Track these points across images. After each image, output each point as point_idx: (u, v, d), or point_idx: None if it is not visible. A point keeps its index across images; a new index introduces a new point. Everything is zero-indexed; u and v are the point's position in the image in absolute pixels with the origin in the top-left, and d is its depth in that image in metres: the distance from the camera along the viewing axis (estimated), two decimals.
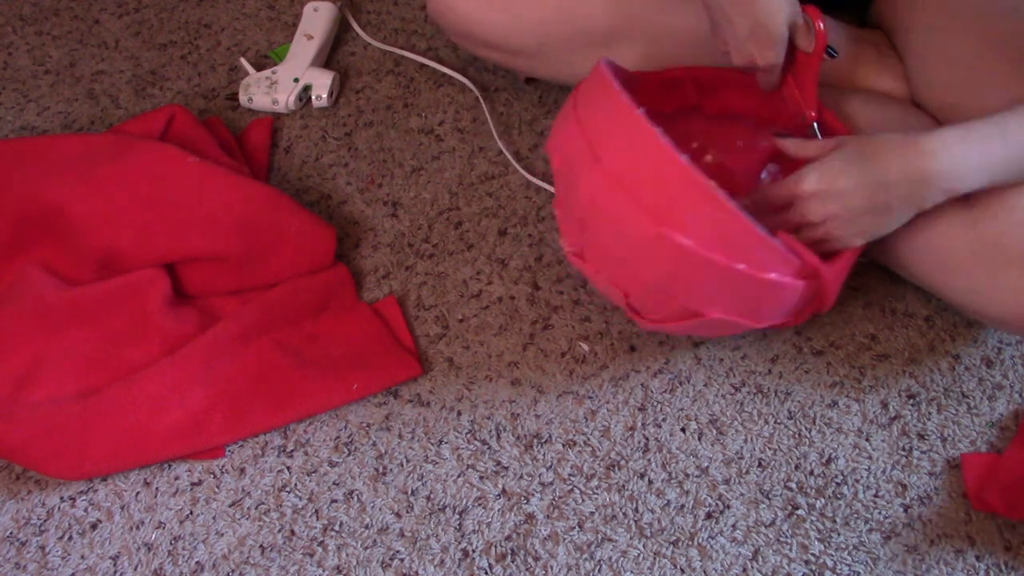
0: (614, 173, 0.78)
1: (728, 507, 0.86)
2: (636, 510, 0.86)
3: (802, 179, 0.81)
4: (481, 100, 1.17)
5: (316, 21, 1.24)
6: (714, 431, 0.91)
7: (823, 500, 0.86)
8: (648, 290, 0.82)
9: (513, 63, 1.09)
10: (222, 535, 0.86)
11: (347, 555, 0.85)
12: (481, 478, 0.89)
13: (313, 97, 1.19)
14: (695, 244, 0.76)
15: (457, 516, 0.86)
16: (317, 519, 0.87)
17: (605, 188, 0.79)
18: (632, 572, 0.83)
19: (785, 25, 0.84)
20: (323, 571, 0.84)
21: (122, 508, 0.88)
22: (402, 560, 0.84)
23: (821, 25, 0.84)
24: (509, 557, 0.84)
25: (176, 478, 0.89)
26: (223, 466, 0.90)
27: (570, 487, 0.88)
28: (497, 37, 1.05)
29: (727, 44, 0.87)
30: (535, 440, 0.91)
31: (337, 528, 0.86)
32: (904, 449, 0.89)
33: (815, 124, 0.91)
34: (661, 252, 0.77)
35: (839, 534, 0.85)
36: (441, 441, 0.91)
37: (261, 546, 0.85)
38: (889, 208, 0.80)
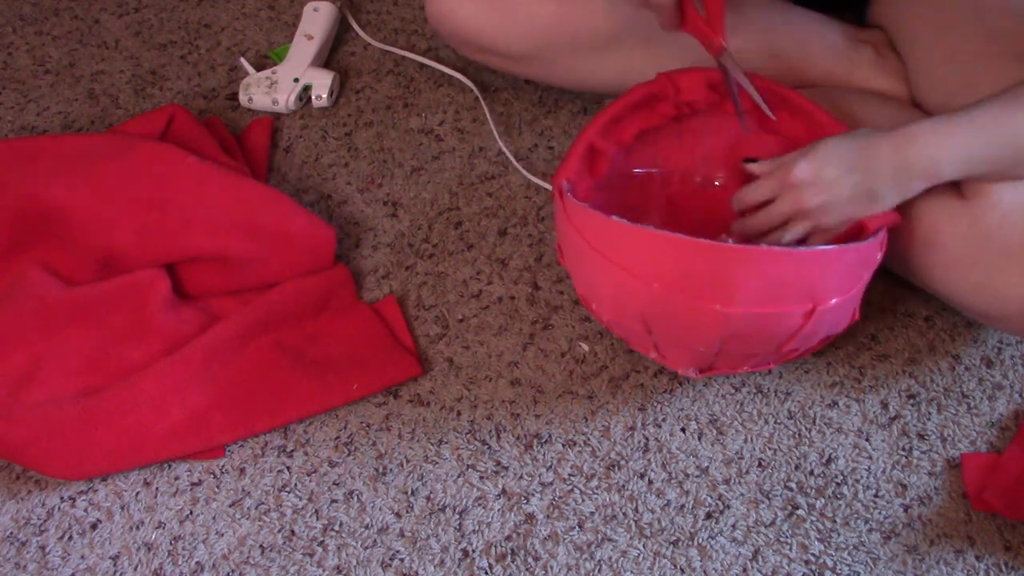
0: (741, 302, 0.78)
1: (728, 507, 0.86)
2: (636, 510, 0.86)
3: (792, 168, 0.81)
4: (481, 100, 1.17)
5: (316, 21, 1.24)
6: (714, 431, 0.91)
7: (823, 500, 0.86)
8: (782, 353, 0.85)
9: (512, 69, 1.09)
10: (222, 535, 0.86)
11: (347, 555, 0.85)
12: (481, 478, 0.89)
13: (313, 97, 1.19)
14: (841, 299, 0.79)
15: (457, 516, 0.87)
16: (317, 519, 0.87)
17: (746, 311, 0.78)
18: (632, 572, 0.83)
19: None
20: (323, 571, 0.84)
21: (122, 508, 0.88)
22: (402, 560, 0.84)
23: None
24: (509, 557, 0.84)
25: (176, 478, 0.89)
26: (223, 466, 0.90)
27: (570, 487, 0.88)
28: (496, 43, 1.05)
29: None
30: (535, 440, 0.91)
31: (337, 528, 0.86)
32: (904, 449, 0.89)
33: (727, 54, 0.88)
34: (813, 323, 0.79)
35: (839, 534, 0.85)
36: (441, 441, 0.91)
37: (261, 546, 0.85)
38: (874, 195, 0.81)
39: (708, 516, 0.86)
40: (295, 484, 0.89)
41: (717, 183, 1.00)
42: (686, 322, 0.79)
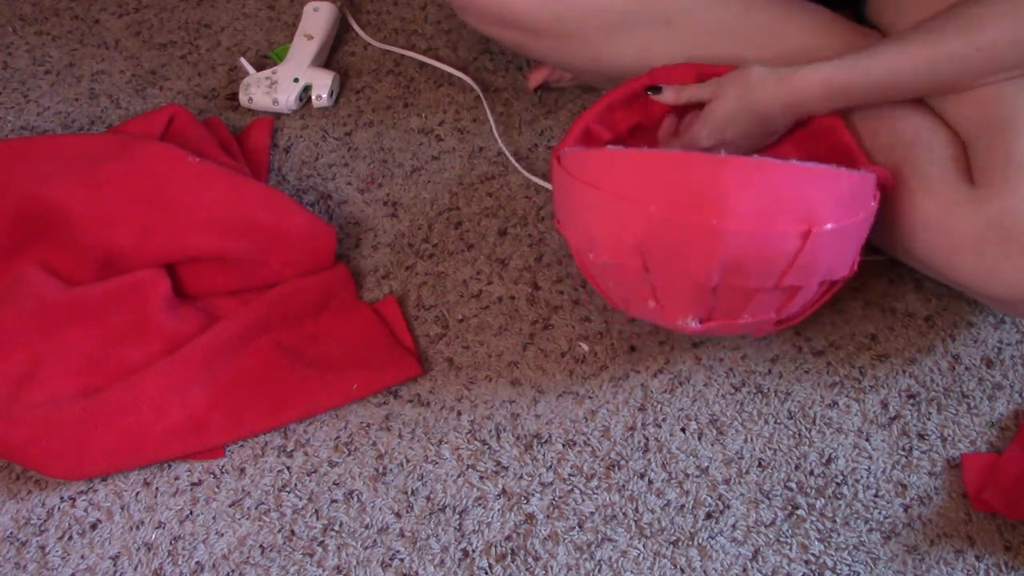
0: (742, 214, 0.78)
1: (728, 507, 0.86)
2: (636, 510, 0.86)
3: (697, 137, 0.93)
4: (482, 99, 1.17)
5: (316, 21, 1.24)
6: (714, 431, 0.91)
7: (823, 500, 0.86)
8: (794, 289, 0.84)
9: (528, 45, 1.05)
10: (222, 535, 0.86)
11: (347, 555, 0.85)
12: (481, 478, 0.89)
13: (313, 97, 1.19)
14: (836, 227, 0.80)
15: (457, 516, 0.87)
16: (317, 519, 0.87)
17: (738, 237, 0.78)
18: (632, 572, 0.83)
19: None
20: (323, 571, 0.84)
21: (122, 508, 0.88)
22: (402, 560, 0.84)
23: None
24: (509, 557, 0.84)
25: (176, 478, 0.89)
26: (223, 466, 0.90)
27: (570, 487, 0.88)
28: (516, 11, 1.01)
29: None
30: (535, 440, 0.91)
31: (337, 528, 0.86)
32: (904, 449, 0.89)
33: None
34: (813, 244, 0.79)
35: (839, 534, 0.85)
36: (441, 441, 0.91)
37: (261, 546, 0.85)
38: (769, 133, 0.94)
39: (708, 516, 0.86)
40: (295, 484, 0.89)
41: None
42: (683, 246, 0.79)
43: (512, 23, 1.03)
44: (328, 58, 1.25)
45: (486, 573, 0.83)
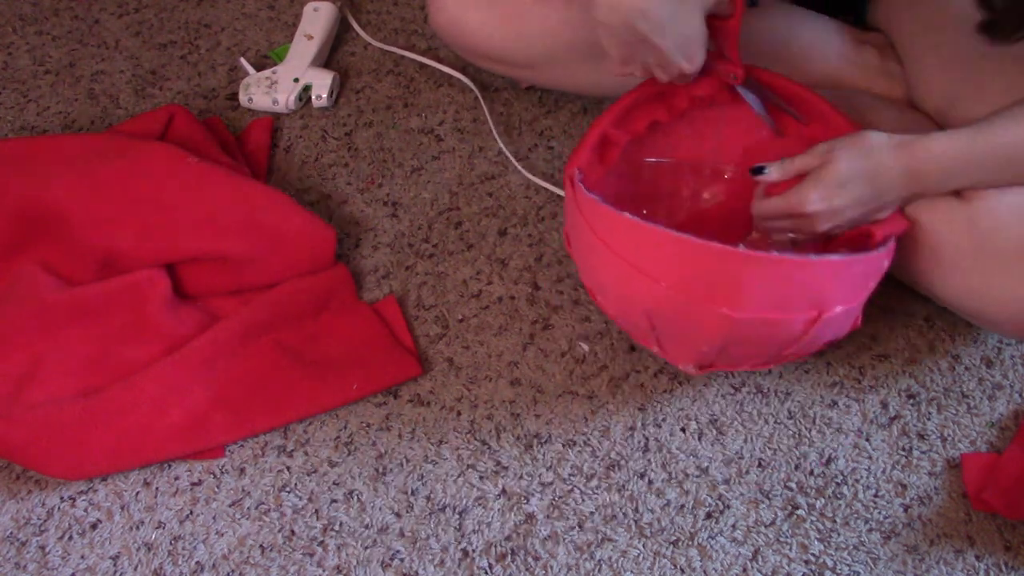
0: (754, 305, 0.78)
1: (728, 507, 0.86)
2: (636, 510, 0.86)
3: (805, 200, 0.82)
4: (481, 100, 1.17)
5: (316, 21, 1.24)
6: (714, 431, 0.91)
7: (823, 500, 0.86)
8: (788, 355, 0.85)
9: (517, 74, 1.10)
10: (222, 535, 0.86)
11: (347, 555, 0.85)
12: (481, 478, 0.89)
13: (313, 97, 1.19)
14: (846, 308, 0.80)
15: (457, 516, 0.87)
16: (317, 519, 0.87)
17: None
18: (632, 572, 0.83)
19: (704, 21, 0.81)
20: (323, 571, 0.84)
21: (122, 508, 0.88)
22: (402, 560, 0.84)
23: None
24: (509, 557, 0.84)
25: (176, 478, 0.89)
26: (223, 466, 0.90)
27: (570, 487, 0.88)
28: (502, 51, 1.05)
29: (647, 68, 0.85)
30: (535, 440, 0.91)
31: (337, 528, 0.86)
32: (904, 449, 0.89)
33: (746, 81, 0.89)
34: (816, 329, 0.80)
35: (839, 534, 0.85)
36: (441, 441, 0.91)
37: (261, 546, 0.85)
38: (880, 209, 0.83)
39: (708, 516, 0.86)
40: (295, 484, 0.89)
41: (726, 175, 1.00)
42: (691, 323, 0.79)
43: (504, 60, 1.07)
44: (328, 58, 1.25)
45: (486, 573, 0.83)
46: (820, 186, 0.81)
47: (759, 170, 0.86)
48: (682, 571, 0.83)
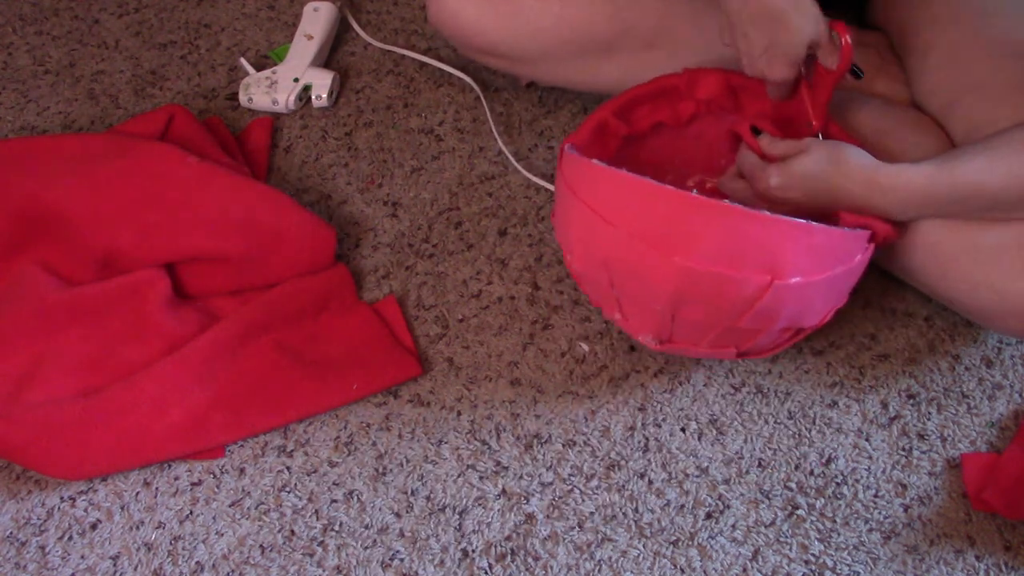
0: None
1: (728, 507, 0.86)
2: (636, 510, 0.86)
3: (767, 175, 0.86)
4: (482, 99, 1.17)
5: (316, 21, 1.24)
6: (714, 431, 0.91)
7: (823, 500, 0.86)
8: (761, 331, 0.84)
9: (515, 69, 1.10)
10: (222, 535, 0.86)
11: (347, 555, 0.85)
12: (481, 478, 0.89)
13: (313, 97, 1.19)
14: (803, 281, 0.79)
15: (457, 516, 0.87)
16: (317, 519, 0.87)
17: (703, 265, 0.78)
18: (632, 572, 0.83)
19: (804, 46, 0.83)
20: (323, 571, 0.84)
21: (122, 508, 0.88)
22: (402, 560, 0.84)
23: (848, 40, 0.82)
24: (509, 557, 0.84)
25: (176, 478, 0.89)
26: (223, 466, 0.90)
27: (570, 487, 0.88)
28: (499, 45, 1.06)
29: (740, 53, 0.87)
30: (535, 440, 0.91)
31: (337, 528, 0.86)
32: (904, 449, 0.89)
33: (819, 135, 0.90)
34: (795, 294, 0.80)
35: (839, 534, 0.85)
36: (441, 441, 0.91)
37: (261, 546, 0.85)
38: (831, 212, 0.86)
39: (708, 516, 0.86)
40: (295, 484, 0.89)
41: (708, 185, 1.01)
42: (644, 273, 0.80)
43: (498, 54, 1.07)
44: (328, 58, 1.25)
45: (486, 573, 0.83)
46: (784, 175, 0.85)
47: (758, 131, 0.89)
48: (682, 571, 0.83)
